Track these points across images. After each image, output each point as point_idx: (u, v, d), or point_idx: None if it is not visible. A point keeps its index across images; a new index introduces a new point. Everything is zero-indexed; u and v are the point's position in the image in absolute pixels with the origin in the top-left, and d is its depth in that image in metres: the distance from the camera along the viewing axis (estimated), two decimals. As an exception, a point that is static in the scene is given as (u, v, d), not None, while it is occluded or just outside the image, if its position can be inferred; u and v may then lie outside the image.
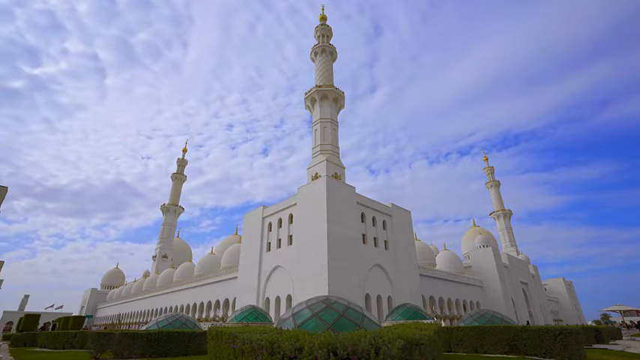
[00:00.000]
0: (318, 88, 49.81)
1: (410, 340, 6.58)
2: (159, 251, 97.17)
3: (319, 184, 35.15)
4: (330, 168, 42.78)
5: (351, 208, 36.30)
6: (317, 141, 46.89)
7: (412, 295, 40.16)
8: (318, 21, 58.57)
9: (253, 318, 26.04)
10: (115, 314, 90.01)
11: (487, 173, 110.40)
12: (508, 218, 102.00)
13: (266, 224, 41.98)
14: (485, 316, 21.33)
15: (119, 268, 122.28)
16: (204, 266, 61.57)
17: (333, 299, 11.51)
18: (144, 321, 71.41)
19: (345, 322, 10.12)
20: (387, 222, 41.66)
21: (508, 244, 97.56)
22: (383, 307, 36.20)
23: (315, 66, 55.10)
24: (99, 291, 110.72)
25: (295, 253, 35.17)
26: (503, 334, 17.33)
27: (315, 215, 33.82)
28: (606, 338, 28.85)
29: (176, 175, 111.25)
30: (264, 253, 40.45)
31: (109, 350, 17.16)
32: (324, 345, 5.90)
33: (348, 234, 34.29)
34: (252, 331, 8.09)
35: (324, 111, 48.62)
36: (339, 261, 31.75)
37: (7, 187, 21.73)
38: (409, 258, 42.97)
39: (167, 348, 17.46)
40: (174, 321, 21.37)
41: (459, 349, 18.71)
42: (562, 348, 15.37)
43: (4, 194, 21.57)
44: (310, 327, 9.91)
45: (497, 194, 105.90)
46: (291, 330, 8.12)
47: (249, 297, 39.35)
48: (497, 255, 62.78)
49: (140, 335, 17.09)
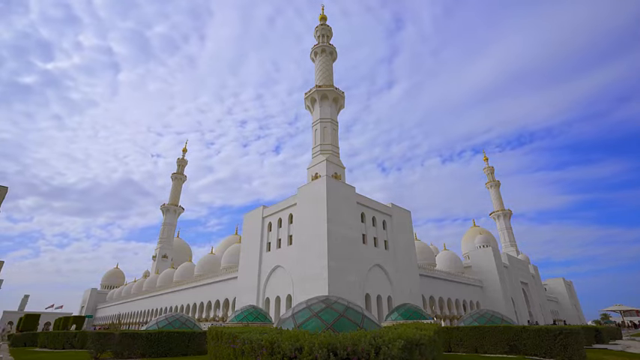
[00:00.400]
0: (318, 88, 49.81)
1: (410, 340, 6.58)
2: (159, 251, 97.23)
3: (319, 184, 35.16)
4: (330, 168, 42.79)
5: (351, 208, 36.31)
6: (317, 141, 46.91)
7: (412, 295, 40.17)
8: (318, 21, 58.54)
9: (253, 318, 26.04)
10: (115, 314, 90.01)
11: (487, 173, 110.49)
12: (508, 218, 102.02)
13: (266, 224, 41.99)
14: (485, 316, 21.33)
15: (119, 268, 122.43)
16: (204, 266, 61.58)
17: (333, 299, 11.51)
18: (144, 321, 71.43)
19: (345, 322, 10.12)
20: (387, 222, 41.67)
21: (508, 244, 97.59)
22: (383, 307, 36.21)
23: (315, 66, 55.09)
24: (99, 291, 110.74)
25: (295, 253, 35.18)
26: (503, 334, 17.33)
27: (315, 215, 33.82)
28: (606, 338, 28.85)
29: (176, 175, 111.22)
30: (264, 253, 40.46)
31: (109, 350, 17.18)
32: (324, 345, 5.90)
33: (348, 234, 34.29)
34: (252, 331, 8.09)
35: (324, 111, 48.64)
36: (339, 261, 31.75)
37: (7, 187, 21.73)
38: (409, 258, 42.98)
39: (167, 348, 17.47)
40: (174, 321, 21.37)
41: (459, 349, 18.71)
42: (562, 348, 15.37)
43: (4, 194, 21.57)
44: (310, 327, 9.90)
45: (498, 194, 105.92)
46: (291, 330, 8.12)
47: (249, 297, 39.36)
48: (497, 255, 62.79)
49: (140, 335, 17.10)
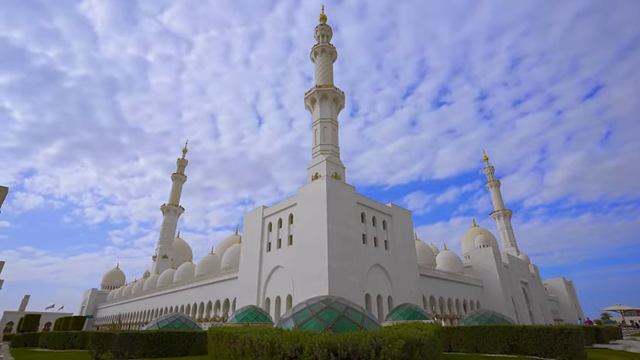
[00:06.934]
0: (318, 88, 49.79)
1: (410, 340, 6.59)
2: (159, 251, 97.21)
3: (319, 184, 35.16)
4: (330, 168, 42.81)
5: (351, 208, 36.30)
6: (317, 141, 46.92)
7: (412, 295, 40.17)
8: (318, 21, 58.54)
9: (253, 318, 26.03)
10: (116, 314, 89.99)
11: (487, 173, 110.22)
12: (508, 218, 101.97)
13: (266, 224, 41.98)
14: (485, 316, 21.34)
15: (119, 268, 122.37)
16: (204, 266, 61.57)
17: (334, 299, 11.50)
18: (144, 321, 71.44)
19: (346, 322, 10.11)
20: (387, 222, 41.67)
21: (508, 244, 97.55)
22: (383, 307, 36.21)
23: (315, 66, 55.08)
24: (99, 291, 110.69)
25: (295, 253, 35.18)
26: (503, 333, 17.31)
27: (316, 215, 33.82)
28: (606, 338, 28.84)
29: (176, 175, 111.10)
30: (265, 253, 40.45)
31: (109, 350, 17.17)
32: (325, 345, 5.90)
33: (348, 234, 34.28)
34: (252, 331, 8.10)
35: (324, 111, 48.64)
36: (339, 261, 31.75)
37: (7, 188, 21.75)
38: (409, 258, 42.98)
39: (167, 348, 17.45)
40: (175, 321, 21.34)
41: (459, 348, 18.70)
42: (562, 348, 15.36)
43: (4, 194, 21.59)
44: (310, 327, 9.90)
45: (498, 194, 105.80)
46: (291, 330, 8.13)
47: (249, 297, 39.35)
48: (497, 255, 62.75)
49: (140, 335, 17.07)
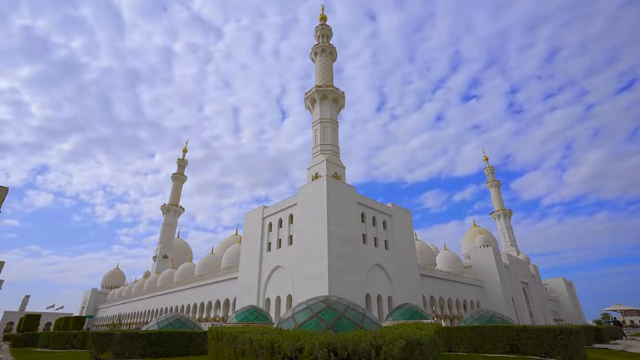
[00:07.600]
0: (318, 88, 49.79)
1: (411, 340, 6.59)
2: (159, 251, 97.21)
3: (319, 184, 35.15)
4: (330, 168, 42.80)
5: (351, 208, 36.29)
6: (317, 141, 46.93)
7: (412, 295, 40.16)
8: (318, 21, 58.53)
9: (254, 318, 26.03)
10: (116, 314, 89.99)
11: (487, 173, 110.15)
12: (508, 218, 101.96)
13: (266, 224, 41.97)
14: (485, 316, 21.34)
15: (119, 268, 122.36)
16: (204, 266, 61.58)
17: (334, 299, 11.50)
18: (144, 321, 71.42)
19: (346, 322, 10.11)
20: (387, 222, 41.66)
21: (508, 244, 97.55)
22: (383, 307, 36.20)
23: (315, 66, 55.07)
24: (99, 291, 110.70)
25: (295, 253, 35.17)
26: (503, 333, 17.31)
27: (316, 215, 33.81)
28: (607, 338, 28.84)
29: (176, 175, 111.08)
30: (265, 253, 40.44)
31: (109, 350, 17.17)
32: (325, 345, 5.90)
33: (348, 234, 34.28)
34: (252, 331, 8.09)
35: (324, 111, 48.64)
36: (339, 261, 31.74)
37: (7, 187, 21.75)
38: (409, 258, 42.97)
39: (167, 348, 17.45)
40: (175, 321, 21.34)
41: (459, 348, 18.70)
42: (562, 348, 15.35)
43: (4, 194, 21.59)
44: (310, 327, 9.90)
45: (498, 194, 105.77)
46: (291, 330, 8.13)
47: (249, 297, 39.35)
48: (497, 255, 62.73)
49: (140, 335, 17.07)
